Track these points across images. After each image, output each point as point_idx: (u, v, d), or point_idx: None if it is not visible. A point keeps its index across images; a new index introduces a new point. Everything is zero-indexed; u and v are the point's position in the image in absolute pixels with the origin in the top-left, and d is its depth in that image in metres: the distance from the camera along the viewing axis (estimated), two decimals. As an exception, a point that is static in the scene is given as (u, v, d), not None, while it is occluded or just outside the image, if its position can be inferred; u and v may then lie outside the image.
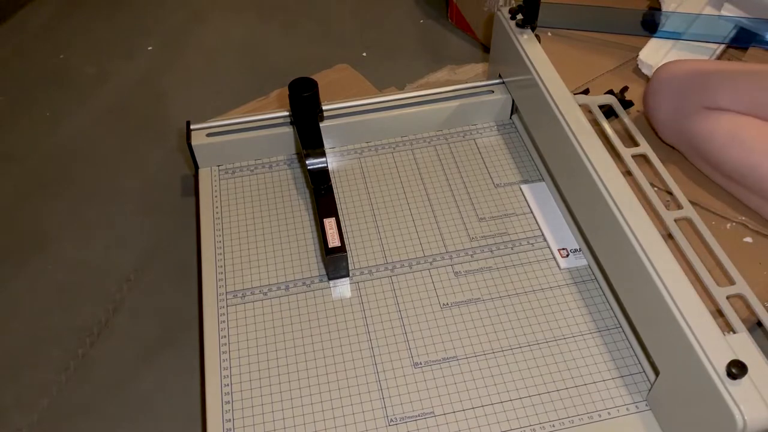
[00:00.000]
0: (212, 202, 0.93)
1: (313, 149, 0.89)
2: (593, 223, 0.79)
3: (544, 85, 0.86)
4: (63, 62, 1.33)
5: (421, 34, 1.38)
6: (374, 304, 0.80)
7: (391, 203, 0.92)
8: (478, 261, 0.85)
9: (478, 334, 0.77)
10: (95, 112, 1.23)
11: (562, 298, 0.80)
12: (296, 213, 0.91)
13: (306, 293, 0.82)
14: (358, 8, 1.45)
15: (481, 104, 1.00)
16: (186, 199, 1.04)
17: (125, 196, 1.07)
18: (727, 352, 0.59)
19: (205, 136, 0.95)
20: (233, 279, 0.83)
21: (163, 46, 1.37)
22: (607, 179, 0.75)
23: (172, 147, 1.13)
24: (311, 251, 0.86)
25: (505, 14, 0.96)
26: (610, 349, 0.76)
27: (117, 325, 0.91)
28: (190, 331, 0.88)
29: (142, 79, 1.29)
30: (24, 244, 1.01)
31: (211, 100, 1.21)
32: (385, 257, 0.85)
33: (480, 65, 1.25)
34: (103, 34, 1.40)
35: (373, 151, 0.99)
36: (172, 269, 0.96)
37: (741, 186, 0.91)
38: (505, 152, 0.98)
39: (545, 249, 0.86)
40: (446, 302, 0.80)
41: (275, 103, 1.16)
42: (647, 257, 0.67)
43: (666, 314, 0.64)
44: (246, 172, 0.97)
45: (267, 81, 1.21)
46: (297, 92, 0.89)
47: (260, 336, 0.78)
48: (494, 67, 1.04)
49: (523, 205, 0.91)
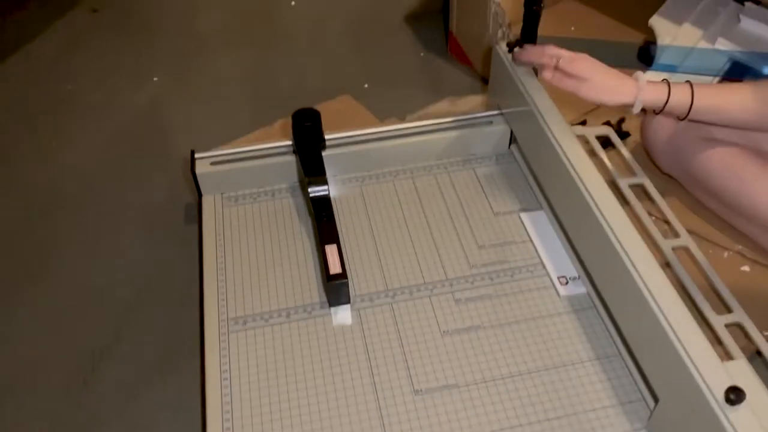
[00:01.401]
0: (215, 228, 0.94)
1: (315, 177, 0.90)
2: (592, 251, 0.80)
3: (542, 117, 0.88)
4: (70, 92, 1.36)
5: (422, 66, 1.41)
6: (375, 331, 0.81)
7: (392, 231, 0.93)
8: (479, 288, 0.85)
9: (478, 361, 0.77)
10: (100, 140, 1.24)
11: (562, 326, 0.81)
12: (298, 240, 0.92)
13: (307, 320, 0.82)
14: (360, 41, 1.48)
15: (480, 135, 1.02)
16: (189, 227, 1.05)
17: (129, 223, 1.08)
18: (725, 379, 0.59)
19: (209, 164, 0.96)
20: (235, 306, 0.84)
21: (169, 76, 1.40)
22: (605, 209, 0.76)
23: (176, 175, 1.15)
24: (312, 278, 0.87)
25: (503, 48, 0.98)
26: (610, 376, 0.76)
27: (118, 349, 0.91)
28: (191, 356, 0.88)
29: (147, 108, 1.32)
30: (27, 268, 1.02)
31: (216, 130, 1.23)
32: (385, 284, 0.86)
33: (479, 97, 1.28)
34: (110, 65, 1.43)
35: (374, 180, 1.01)
36: (174, 295, 0.96)
37: (738, 215, 0.93)
38: (504, 181, 1.00)
39: (545, 277, 0.87)
40: (447, 329, 0.81)
41: (279, 133, 1.18)
42: (645, 286, 0.68)
43: (665, 342, 0.64)
44: (249, 200, 0.98)
45: (271, 111, 1.23)
46: (300, 122, 0.91)
47: (261, 363, 0.78)
48: (493, 98, 1.06)
49: (522, 233, 0.92)
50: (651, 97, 0.80)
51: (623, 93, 0.80)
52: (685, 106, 0.81)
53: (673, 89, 0.81)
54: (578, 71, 0.80)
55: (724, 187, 0.92)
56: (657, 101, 0.81)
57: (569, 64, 0.80)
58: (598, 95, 0.80)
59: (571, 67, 0.80)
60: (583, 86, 0.80)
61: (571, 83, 0.81)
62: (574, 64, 0.80)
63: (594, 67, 0.81)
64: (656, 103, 0.81)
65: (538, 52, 0.86)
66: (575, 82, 0.80)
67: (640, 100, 0.80)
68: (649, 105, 0.82)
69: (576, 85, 0.80)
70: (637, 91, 0.80)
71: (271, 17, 1.56)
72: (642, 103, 0.81)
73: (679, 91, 0.81)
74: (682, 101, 0.81)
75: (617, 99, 0.81)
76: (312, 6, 1.60)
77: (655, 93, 0.80)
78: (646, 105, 0.81)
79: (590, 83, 0.80)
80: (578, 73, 0.80)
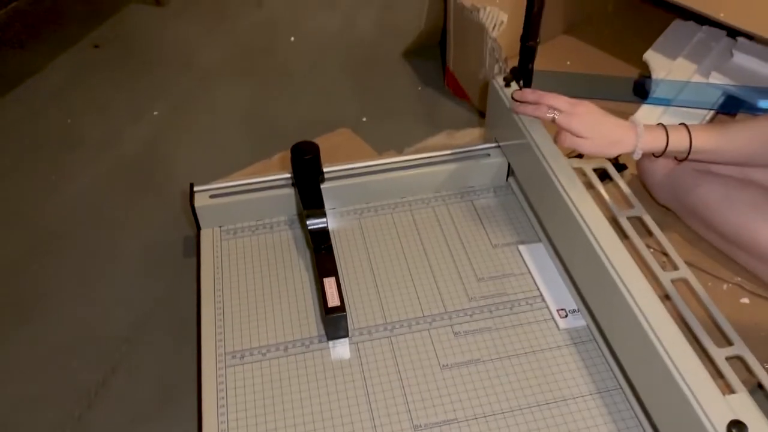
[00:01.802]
0: (213, 262, 0.94)
1: (313, 210, 0.90)
2: (591, 284, 0.80)
3: (539, 150, 0.88)
4: (70, 126, 1.37)
5: (419, 100, 1.42)
6: (374, 365, 0.80)
7: (391, 263, 0.93)
8: (478, 321, 0.85)
9: (478, 395, 0.77)
10: (100, 174, 1.25)
11: (562, 359, 0.80)
12: (296, 273, 0.92)
13: (305, 354, 0.82)
14: (359, 75, 1.50)
15: (478, 167, 1.03)
16: (187, 260, 1.05)
17: (127, 256, 1.08)
18: (727, 413, 0.58)
19: (209, 197, 0.96)
20: (232, 340, 0.83)
21: (169, 110, 1.41)
22: (604, 241, 0.76)
23: (175, 208, 1.15)
24: (311, 311, 0.87)
25: (500, 82, 0.99)
26: (611, 410, 0.75)
27: (115, 386, 0.90)
28: (188, 391, 0.87)
29: (147, 142, 1.33)
30: (23, 303, 1.01)
31: (215, 162, 1.24)
32: (384, 317, 0.86)
33: (476, 130, 1.29)
34: (110, 100, 1.44)
35: (372, 212, 1.01)
36: (172, 330, 0.96)
37: (736, 247, 0.93)
38: (502, 214, 1.00)
39: (544, 309, 0.86)
40: (446, 363, 0.80)
41: (278, 166, 1.19)
42: (645, 318, 0.67)
43: (666, 375, 0.64)
44: (247, 233, 0.98)
45: (270, 144, 1.24)
46: (299, 155, 0.92)
47: (258, 398, 0.77)
48: (490, 131, 1.07)
49: (521, 265, 0.92)
50: (650, 144, 0.81)
51: (623, 145, 0.81)
52: (684, 149, 0.82)
53: (671, 134, 0.81)
54: (576, 129, 0.80)
55: (723, 221, 0.92)
56: (656, 147, 0.82)
57: (567, 122, 0.81)
58: (599, 151, 0.81)
59: (569, 125, 0.81)
60: (584, 144, 0.81)
61: (570, 140, 0.81)
62: (572, 121, 0.81)
63: (591, 121, 0.81)
64: (656, 149, 0.82)
65: (535, 105, 0.87)
66: (575, 139, 0.81)
67: (639, 148, 0.81)
68: (649, 151, 0.82)
69: (577, 143, 0.81)
70: (636, 140, 0.81)
71: (271, 52, 1.59)
72: (642, 150, 0.81)
73: (676, 136, 0.81)
74: (680, 145, 0.82)
75: (618, 152, 0.82)
76: (311, 41, 1.62)
77: (653, 140, 0.81)
78: (646, 151, 0.82)
79: (590, 141, 0.80)
80: (577, 132, 0.81)
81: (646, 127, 0.81)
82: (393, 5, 1.75)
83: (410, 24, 1.53)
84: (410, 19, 1.59)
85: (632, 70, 1.34)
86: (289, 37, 1.63)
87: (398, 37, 1.57)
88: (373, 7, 1.75)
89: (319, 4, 1.77)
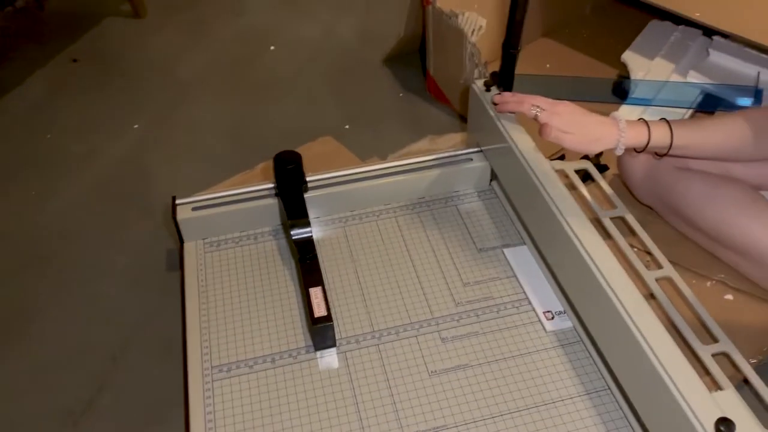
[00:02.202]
0: (197, 275, 0.93)
1: (297, 219, 0.90)
2: (576, 285, 0.81)
3: (521, 153, 0.89)
4: (50, 142, 1.36)
5: (401, 106, 1.43)
6: (362, 374, 0.80)
7: (377, 271, 0.93)
8: (465, 326, 0.85)
9: (467, 401, 0.77)
10: (81, 190, 1.24)
11: (550, 362, 0.80)
12: (282, 283, 0.91)
13: (293, 365, 0.81)
14: (340, 83, 1.50)
15: (461, 172, 1.03)
16: (171, 274, 1.04)
17: (110, 272, 1.07)
18: (714, 410, 0.59)
19: (191, 210, 0.96)
20: (219, 353, 0.83)
21: (150, 123, 1.40)
22: (587, 242, 0.76)
23: (157, 222, 1.14)
24: (297, 322, 0.86)
25: (480, 86, 0.99)
26: (600, 411, 0.75)
27: (101, 404, 0.89)
28: (175, 407, 0.86)
29: (128, 156, 1.32)
30: (6, 323, 1.00)
31: (197, 175, 1.23)
32: (371, 325, 0.85)
33: (458, 135, 1.29)
34: (90, 114, 1.43)
35: (357, 220, 1.01)
36: (158, 345, 0.95)
37: (717, 243, 0.93)
38: (487, 217, 1.00)
39: (530, 312, 0.86)
40: (434, 369, 0.80)
41: (260, 176, 1.18)
42: (631, 318, 0.68)
43: (652, 375, 0.64)
44: (231, 245, 0.97)
45: (252, 155, 1.24)
46: (281, 165, 0.91)
47: (246, 411, 0.76)
48: (472, 136, 1.07)
49: (506, 268, 0.92)
50: (632, 140, 0.82)
51: (606, 141, 0.82)
52: (665, 144, 0.83)
53: (652, 129, 0.82)
54: (558, 125, 0.81)
55: (704, 217, 0.93)
56: (638, 143, 0.82)
57: (549, 118, 0.81)
58: (582, 146, 0.82)
59: (551, 121, 0.81)
60: (567, 138, 0.81)
61: (555, 133, 0.81)
62: (553, 118, 0.81)
63: (573, 118, 0.82)
64: (638, 144, 0.83)
65: (517, 102, 0.87)
66: (559, 132, 0.81)
67: (622, 143, 0.82)
68: (631, 146, 0.83)
69: (560, 137, 0.81)
70: (619, 135, 0.81)
71: (251, 62, 1.58)
72: (624, 146, 0.82)
73: (658, 131, 0.82)
74: (661, 140, 0.82)
75: (601, 147, 0.82)
76: (291, 50, 1.62)
77: (636, 136, 0.82)
78: (628, 147, 0.83)
79: (573, 135, 0.81)
80: (559, 127, 0.81)
81: (627, 123, 0.82)
82: (372, 13, 1.76)
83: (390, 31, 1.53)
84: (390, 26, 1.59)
85: (611, 71, 1.35)
86: (269, 47, 1.63)
87: (378, 45, 1.58)
88: (353, 15, 1.75)
89: (298, 13, 1.77)
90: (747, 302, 0.90)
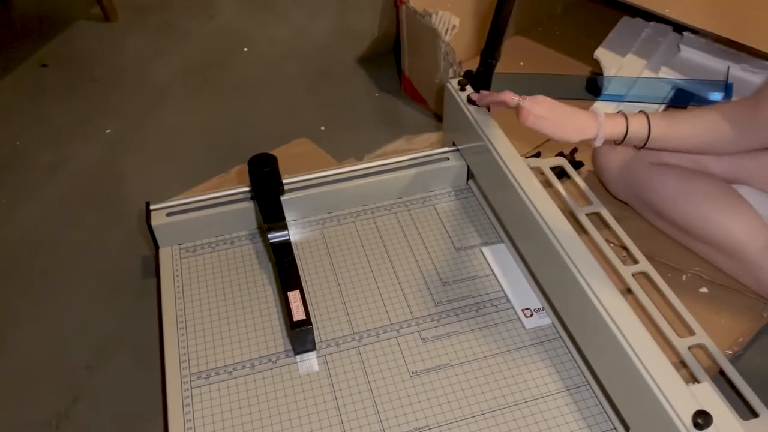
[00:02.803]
0: (173, 281, 0.92)
1: (274, 223, 0.89)
2: (553, 282, 0.81)
3: (496, 151, 0.89)
4: (19, 149, 1.33)
5: (377, 106, 1.42)
6: (342, 377, 0.79)
7: (356, 272, 0.92)
8: (445, 326, 0.85)
9: (449, 400, 0.77)
10: (53, 197, 1.21)
11: (529, 359, 0.81)
12: (260, 288, 0.91)
13: (272, 370, 0.80)
14: (315, 84, 1.49)
15: (437, 171, 1.03)
16: (147, 281, 1.02)
17: (84, 281, 1.05)
18: (691, 403, 0.59)
19: (165, 215, 0.94)
20: (197, 360, 0.82)
21: (122, 128, 1.38)
22: (563, 239, 0.77)
23: (132, 229, 1.12)
24: (276, 326, 0.85)
25: (455, 85, 1.00)
26: (580, 407, 0.76)
27: (77, 415, 0.87)
28: (154, 416, 0.85)
29: (100, 162, 1.29)
30: (-23, 335, 0.98)
31: (172, 180, 1.21)
32: (351, 327, 0.85)
33: (434, 134, 1.29)
34: (60, 120, 1.40)
35: (335, 222, 1.00)
36: (135, 354, 0.93)
37: (692, 237, 0.95)
38: (464, 216, 1.00)
39: (509, 310, 0.87)
40: (415, 370, 0.80)
41: (235, 180, 1.17)
42: (608, 313, 0.68)
43: (630, 369, 0.64)
44: (207, 249, 0.96)
45: (227, 158, 1.23)
46: (257, 168, 0.91)
47: (226, 417, 0.76)
48: (448, 135, 1.07)
49: (485, 267, 0.93)
50: (611, 131, 0.83)
51: (586, 130, 0.82)
52: (643, 136, 0.84)
53: (630, 121, 0.83)
54: (539, 112, 0.81)
55: (679, 212, 0.94)
56: (617, 135, 0.83)
57: (531, 106, 0.82)
58: (562, 133, 0.82)
59: (532, 108, 0.82)
60: (546, 124, 0.81)
61: (533, 119, 0.82)
62: (535, 107, 0.82)
63: (554, 106, 0.83)
64: (616, 136, 0.84)
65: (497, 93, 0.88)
66: (538, 117, 0.82)
67: (601, 135, 0.82)
68: (610, 138, 0.84)
69: (540, 122, 0.82)
70: (598, 127, 0.82)
71: (224, 64, 1.57)
72: (603, 137, 0.83)
73: (636, 123, 0.83)
74: (640, 132, 0.83)
75: (581, 137, 0.83)
76: (265, 51, 1.61)
77: (614, 127, 0.83)
78: (607, 138, 0.84)
79: (552, 121, 0.81)
80: (540, 113, 0.81)
81: (606, 115, 0.83)
82: (345, 13, 1.75)
83: (364, 31, 1.53)
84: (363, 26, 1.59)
85: (584, 68, 1.37)
86: (242, 49, 1.62)
87: (352, 45, 1.57)
88: (326, 15, 1.74)
89: (271, 14, 1.75)
90: (722, 294, 0.92)
